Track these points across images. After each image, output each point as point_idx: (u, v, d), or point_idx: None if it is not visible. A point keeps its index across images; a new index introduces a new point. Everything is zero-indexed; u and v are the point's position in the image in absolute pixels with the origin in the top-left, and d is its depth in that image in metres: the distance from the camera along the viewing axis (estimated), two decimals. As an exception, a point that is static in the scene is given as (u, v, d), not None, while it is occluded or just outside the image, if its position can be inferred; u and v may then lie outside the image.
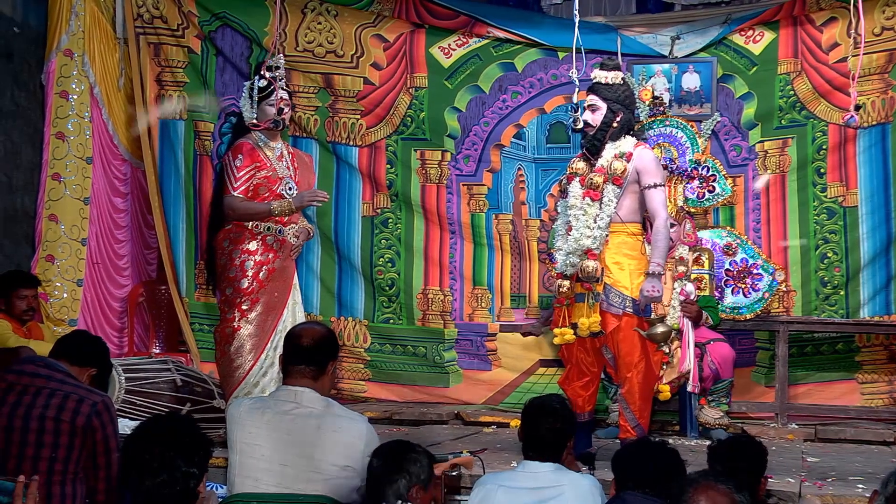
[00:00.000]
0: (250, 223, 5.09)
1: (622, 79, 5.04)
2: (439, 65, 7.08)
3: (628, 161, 4.89)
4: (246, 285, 5.04)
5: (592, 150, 4.99)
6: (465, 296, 7.14)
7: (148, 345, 7.07)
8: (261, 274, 5.07)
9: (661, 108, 6.45)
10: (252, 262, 5.06)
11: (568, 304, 4.95)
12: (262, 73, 5.10)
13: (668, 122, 6.39)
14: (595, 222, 4.88)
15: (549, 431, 3.45)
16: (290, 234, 5.19)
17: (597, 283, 4.83)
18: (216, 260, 5.19)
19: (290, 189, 5.18)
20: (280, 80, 5.15)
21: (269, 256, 5.10)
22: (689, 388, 5.79)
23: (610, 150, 4.95)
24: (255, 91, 5.06)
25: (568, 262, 4.92)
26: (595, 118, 4.96)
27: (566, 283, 4.95)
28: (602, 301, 4.85)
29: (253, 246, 5.09)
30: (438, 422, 6.46)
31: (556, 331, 4.98)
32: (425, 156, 7.15)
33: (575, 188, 5.00)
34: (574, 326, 4.91)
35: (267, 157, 5.16)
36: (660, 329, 4.83)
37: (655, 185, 4.89)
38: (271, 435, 3.14)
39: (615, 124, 4.95)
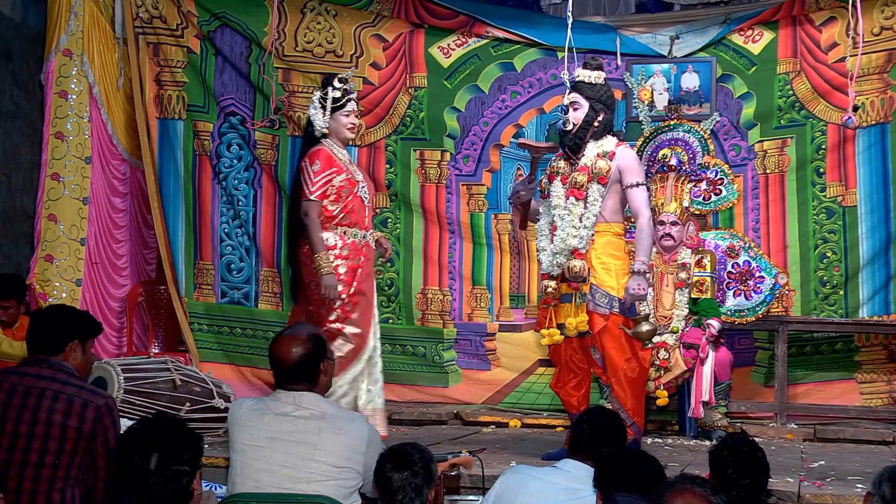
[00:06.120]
0: (338, 229, 5.18)
1: (604, 79, 5.05)
2: (438, 65, 7.08)
3: (611, 160, 4.89)
4: (341, 288, 5.12)
5: (574, 148, 4.97)
6: (464, 296, 7.13)
7: (147, 345, 7.05)
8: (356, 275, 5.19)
9: (678, 114, 6.44)
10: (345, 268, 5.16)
11: (554, 304, 4.95)
12: (334, 84, 5.23)
13: (681, 127, 6.37)
14: (580, 222, 4.87)
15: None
16: (371, 238, 5.30)
17: (584, 282, 4.83)
18: (302, 269, 5.22)
19: (365, 192, 5.28)
20: (352, 93, 5.33)
21: (360, 260, 5.23)
22: (707, 398, 5.80)
23: (592, 149, 4.94)
24: (329, 101, 5.19)
25: (554, 262, 4.91)
26: (577, 116, 4.96)
27: (552, 283, 4.95)
28: (589, 301, 4.84)
29: (345, 252, 5.18)
30: (438, 422, 6.47)
31: (544, 331, 4.97)
32: (425, 156, 7.15)
33: (557, 188, 4.99)
34: (561, 327, 4.91)
35: (342, 161, 5.26)
36: (645, 327, 4.85)
37: (638, 184, 4.89)
38: (272, 436, 3.14)
39: (597, 123, 4.95)
